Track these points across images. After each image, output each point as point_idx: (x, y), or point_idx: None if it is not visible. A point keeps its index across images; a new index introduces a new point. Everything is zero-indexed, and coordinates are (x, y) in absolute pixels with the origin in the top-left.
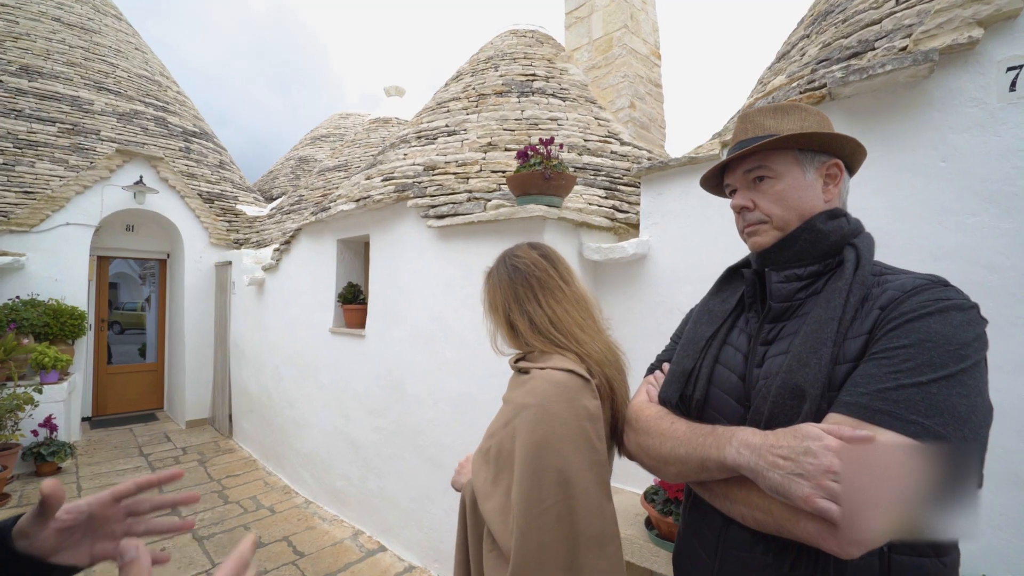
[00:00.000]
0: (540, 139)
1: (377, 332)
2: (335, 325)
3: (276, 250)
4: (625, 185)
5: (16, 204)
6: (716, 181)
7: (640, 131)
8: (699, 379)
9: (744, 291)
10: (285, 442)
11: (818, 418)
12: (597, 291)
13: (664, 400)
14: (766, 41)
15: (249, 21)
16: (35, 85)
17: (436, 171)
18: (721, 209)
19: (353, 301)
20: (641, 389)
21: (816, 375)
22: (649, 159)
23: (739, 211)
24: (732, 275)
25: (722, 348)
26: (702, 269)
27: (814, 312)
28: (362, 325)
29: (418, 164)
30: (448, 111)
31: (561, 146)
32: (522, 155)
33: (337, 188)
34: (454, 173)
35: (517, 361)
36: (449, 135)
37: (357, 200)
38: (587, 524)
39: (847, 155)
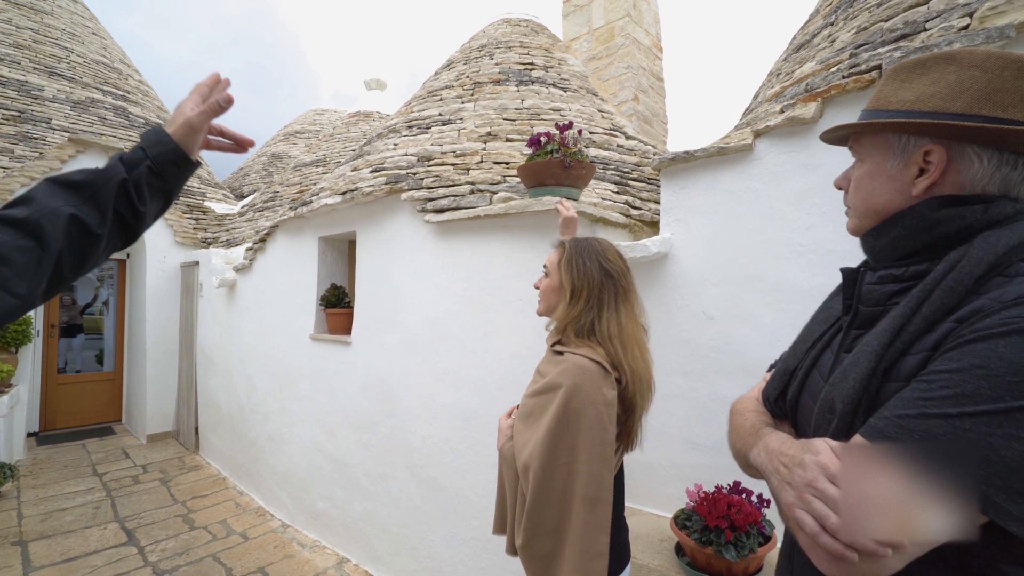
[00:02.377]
0: (556, 124)
1: (365, 338)
2: (316, 331)
3: (249, 249)
4: (635, 180)
5: None
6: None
7: (643, 125)
8: (796, 381)
9: (844, 293)
10: (259, 459)
11: (848, 436)
12: None
13: (765, 396)
14: (765, 38)
15: (222, 18)
16: None
17: (432, 162)
18: (753, 205)
19: (337, 304)
20: (758, 384)
21: (849, 390)
22: (656, 152)
23: (839, 189)
24: None
25: (823, 352)
26: (730, 271)
27: (884, 320)
28: (347, 331)
29: (411, 154)
30: (441, 99)
31: (580, 132)
32: (535, 142)
33: (316, 183)
34: (452, 164)
35: (554, 344)
36: (444, 124)
37: (343, 193)
38: (584, 485)
39: (973, 137)
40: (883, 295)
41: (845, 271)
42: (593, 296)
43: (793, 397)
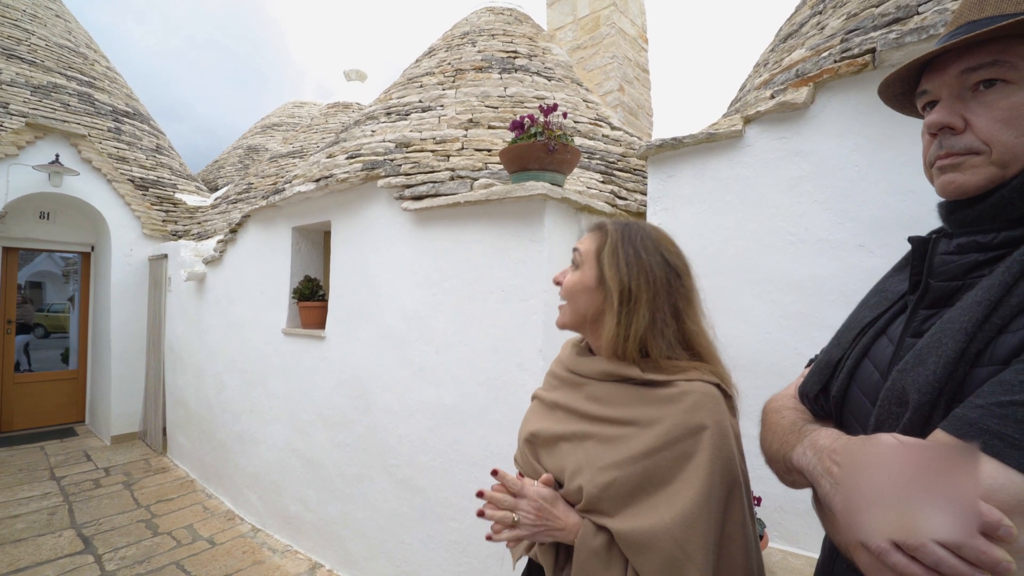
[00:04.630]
0: (540, 106)
1: (339, 333)
2: (289, 326)
3: (221, 241)
4: (621, 171)
5: None
6: (903, 88)
7: (629, 117)
8: (842, 373)
9: (911, 266)
10: (229, 460)
11: (924, 433)
12: None
13: (803, 393)
14: (752, 31)
15: (204, 12)
16: None
17: (411, 148)
18: (743, 193)
19: (311, 298)
20: (795, 381)
21: (928, 377)
22: (643, 143)
23: (937, 132)
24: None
25: (877, 339)
26: (719, 261)
27: (970, 293)
28: (321, 325)
29: (389, 141)
30: (421, 86)
31: (565, 115)
32: (517, 125)
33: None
34: (432, 150)
35: (624, 377)
36: (424, 111)
37: (317, 180)
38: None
39: None
40: (962, 267)
41: (914, 240)
42: (660, 302)
43: (839, 392)
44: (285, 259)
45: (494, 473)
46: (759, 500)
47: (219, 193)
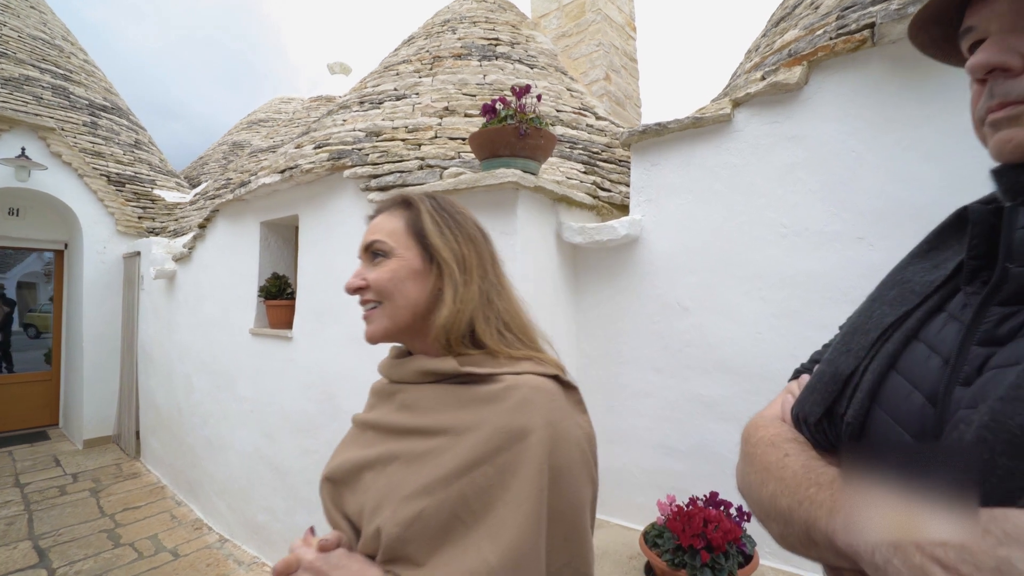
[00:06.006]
0: (513, 87)
1: (307, 333)
2: (256, 325)
3: (193, 237)
4: (605, 161)
5: None
6: (942, 31)
7: (615, 107)
8: (858, 392)
9: (968, 247)
10: (198, 466)
11: None
12: (577, 281)
13: (798, 417)
14: (744, 21)
15: (200, 10)
16: None
17: (381, 137)
18: (732, 182)
19: (279, 296)
20: (777, 399)
21: None
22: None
23: (987, 76)
24: (960, 223)
25: (909, 344)
26: (706, 256)
27: None
28: (289, 325)
29: (359, 130)
30: (398, 74)
31: (539, 97)
32: (489, 109)
33: None
34: (403, 139)
35: (460, 366)
36: (398, 99)
37: (282, 171)
38: None
39: None
40: None
41: (976, 210)
42: (486, 271)
43: (856, 417)
44: (253, 256)
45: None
46: (748, 515)
47: (198, 189)
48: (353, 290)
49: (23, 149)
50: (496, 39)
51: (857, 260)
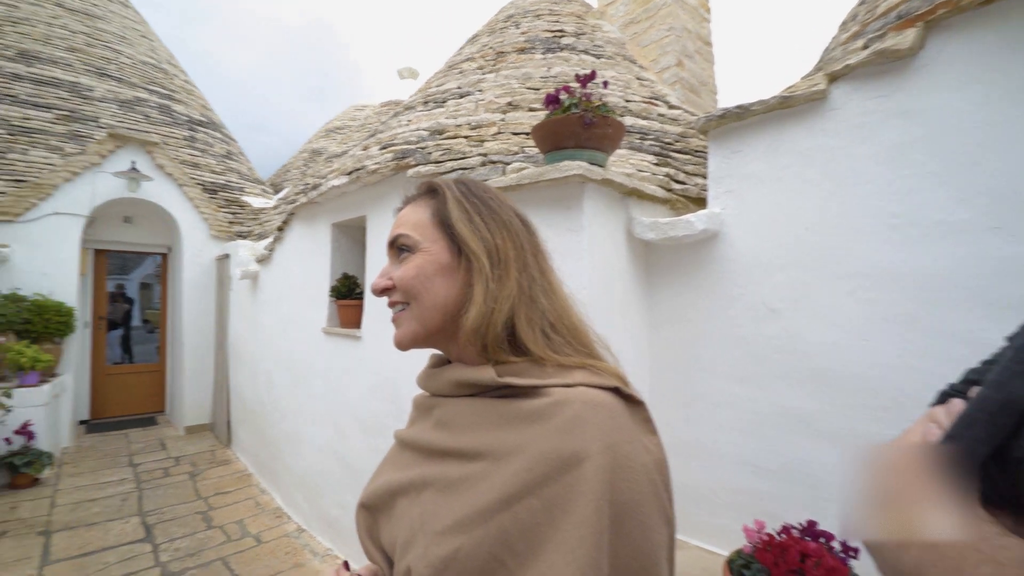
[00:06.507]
0: (577, 75)
1: (374, 333)
2: (328, 324)
3: (273, 239)
4: (679, 152)
5: (3, 192)
6: None
7: (688, 94)
8: None
9: None
10: (278, 458)
11: None
12: (649, 281)
13: (960, 455)
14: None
15: (285, 34)
16: (33, 71)
17: (445, 135)
18: (828, 168)
19: (348, 296)
20: (913, 429)
21: None
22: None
23: None
24: None
25: None
26: (798, 251)
27: None
28: (358, 325)
29: (423, 129)
30: (461, 72)
31: (606, 83)
32: (552, 99)
33: None
34: (466, 136)
35: (499, 376)
36: (461, 97)
37: (349, 173)
38: None
39: None
40: None
41: None
42: (525, 263)
43: None
44: (325, 256)
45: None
46: (856, 551)
47: (280, 195)
48: (379, 291)
49: (133, 163)
50: (560, 31)
51: (992, 254)
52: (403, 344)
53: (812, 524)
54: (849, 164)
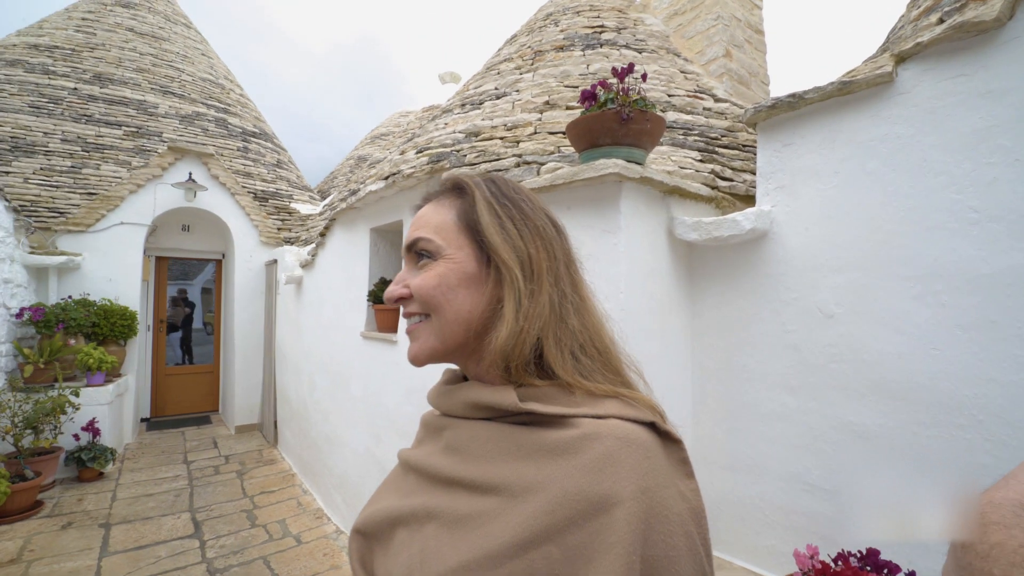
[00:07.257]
0: (613, 68)
1: None
2: (367, 328)
3: (316, 244)
4: (725, 147)
5: (78, 205)
6: None
7: (737, 86)
8: None
9: None
10: (320, 459)
11: None
12: (692, 284)
13: None
14: None
15: (334, 45)
16: (106, 91)
17: (480, 137)
18: (894, 159)
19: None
20: (1017, 474)
21: None
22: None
23: None
24: None
25: None
26: (858, 251)
27: None
28: (395, 329)
29: (459, 132)
30: (499, 73)
31: (645, 76)
32: (588, 96)
33: None
34: (501, 137)
35: (521, 402)
36: (498, 98)
37: (386, 178)
38: None
39: None
40: None
41: None
42: (561, 277)
43: None
44: (364, 261)
45: None
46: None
47: (326, 201)
48: (394, 300)
49: (190, 174)
50: (601, 26)
51: None
52: (419, 360)
53: (874, 553)
54: (919, 154)
